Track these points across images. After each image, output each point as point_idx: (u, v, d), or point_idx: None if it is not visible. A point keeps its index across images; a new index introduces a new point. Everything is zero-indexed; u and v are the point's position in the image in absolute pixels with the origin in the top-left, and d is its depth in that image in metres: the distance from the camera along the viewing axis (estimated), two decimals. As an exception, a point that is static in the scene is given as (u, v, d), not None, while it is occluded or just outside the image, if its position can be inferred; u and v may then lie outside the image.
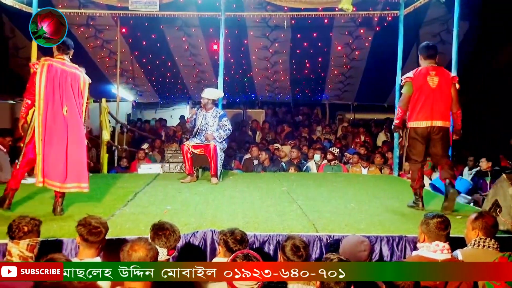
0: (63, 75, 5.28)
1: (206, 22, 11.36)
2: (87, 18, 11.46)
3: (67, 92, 5.29)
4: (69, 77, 5.31)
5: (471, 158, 9.94)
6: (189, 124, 8.14)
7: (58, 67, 5.29)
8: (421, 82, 5.73)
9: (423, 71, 5.80)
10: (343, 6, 8.73)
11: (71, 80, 5.33)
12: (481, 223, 3.75)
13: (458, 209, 5.90)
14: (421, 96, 5.73)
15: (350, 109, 16.63)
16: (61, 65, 5.33)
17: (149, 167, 9.44)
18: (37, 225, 3.68)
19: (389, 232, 4.77)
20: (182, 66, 14.12)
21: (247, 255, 3.09)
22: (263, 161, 10.13)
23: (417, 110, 5.75)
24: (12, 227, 3.59)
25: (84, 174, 5.45)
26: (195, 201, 6.21)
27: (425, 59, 5.87)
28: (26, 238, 3.57)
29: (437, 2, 9.34)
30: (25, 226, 3.58)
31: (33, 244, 3.60)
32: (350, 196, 6.77)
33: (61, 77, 5.27)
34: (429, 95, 5.71)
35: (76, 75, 5.41)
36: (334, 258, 3.02)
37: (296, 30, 12.08)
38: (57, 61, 5.34)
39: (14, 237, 3.56)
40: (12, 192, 5.46)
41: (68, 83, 5.30)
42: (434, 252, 3.49)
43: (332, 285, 2.80)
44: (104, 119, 9.31)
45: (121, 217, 5.30)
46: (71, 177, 5.33)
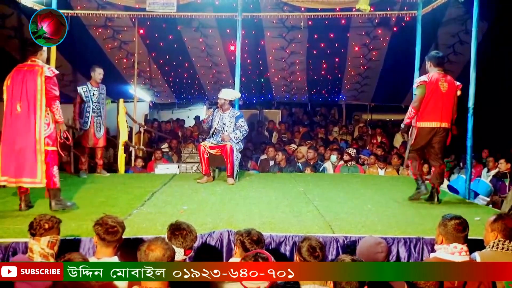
0: (20, 77, 5.34)
1: (223, 23, 11.39)
2: (105, 19, 11.55)
3: (21, 90, 5.30)
4: (25, 77, 5.33)
5: (490, 159, 9.82)
6: (205, 124, 8.17)
7: (20, 70, 5.40)
8: (434, 86, 6.26)
9: (435, 76, 6.32)
10: (360, 7, 8.69)
11: (27, 79, 5.32)
12: (500, 225, 3.70)
13: (477, 211, 5.85)
14: (432, 99, 6.26)
15: (367, 109, 16.54)
16: (22, 67, 5.42)
17: (166, 167, 9.48)
18: (58, 223, 3.75)
19: (406, 234, 4.74)
20: (199, 66, 14.15)
21: (257, 255, 3.09)
22: (279, 162, 10.12)
23: (428, 111, 6.28)
24: (33, 225, 3.67)
25: (34, 170, 5.33)
26: (212, 201, 6.23)
27: (435, 66, 6.40)
28: (47, 235, 3.64)
29: (455, 2, 9.24)
30: (46, 223, 3.66)
31: (53, 241, 3.66)
32: (367, 197, 6.73)
33: (18, 79, 5.33)
34: (439, 98, 6.25)
35: (34, 71, 5.36)
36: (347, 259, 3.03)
37: (313, 30, 12.04)
38: (23, 65, 5.45)
39: (35, 234, 3.63)
40: (21, 194, 5.54)
41: (24, 81, 5.31)
42: (452, 254, 3.46)
43: (345, 285, 2.80)
44: (122, 120, 9.36)
45: (138, 216, 5.33)
46: (24, 172, 5.33)
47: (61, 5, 8.62)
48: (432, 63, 6.43)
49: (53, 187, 5.50)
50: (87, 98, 8.17)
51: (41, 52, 5.55)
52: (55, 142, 5.53)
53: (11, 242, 4.28)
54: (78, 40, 11.67)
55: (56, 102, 5.46)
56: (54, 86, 5.44)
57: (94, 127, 8.24)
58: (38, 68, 5.37)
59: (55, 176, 5.50)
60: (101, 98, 8.36)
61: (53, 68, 5.55)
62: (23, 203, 5.51)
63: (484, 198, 7.73)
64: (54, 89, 5.43)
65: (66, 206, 5.56)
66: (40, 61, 5.48)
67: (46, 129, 5.38)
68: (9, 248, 4.22)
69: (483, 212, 5.83)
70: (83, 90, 8.18)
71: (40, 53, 5.54)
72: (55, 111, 5.46)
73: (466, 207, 6.24)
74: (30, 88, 5.30)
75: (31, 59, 5.46)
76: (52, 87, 5.41)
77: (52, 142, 5.47)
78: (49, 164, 5.41)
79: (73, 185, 7.05)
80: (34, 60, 5.45)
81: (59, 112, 5.50)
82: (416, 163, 6.58)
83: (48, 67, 5.46)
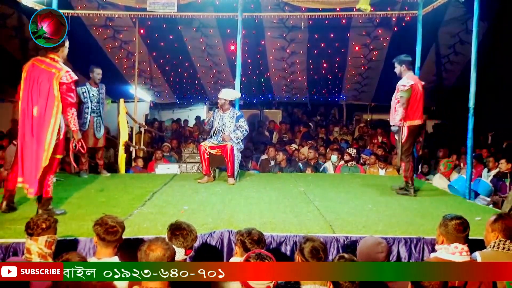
0: (36, 75, 5.17)
1: (223, 23, 11.38)
2: (106, 19, 11.53)
3: (37, 92, 5.13)
4: (41, 77, 5.16)
5: (490, 159, 9.81)
6: (206, 126, 8.18)
7: (37, 66, 5.22)
8: (417, 87, 6.83)
9: (414, 78, 7.02)
10: (361, 7, 8.69)
11: (42, 80, 5.15)
12: (500, 225, 3.70)
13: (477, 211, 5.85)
14: (415, 99, 6.80)
15: (368, 109, 16.53)
16: (41, 63, 5.24)
17: (166, 167, 9.49)
18: (55, 222, 3.76)
19: (406, 234, 4.74)
20: (199, 66, 14.16)
21: (260, 255, 3.09)
22: (280, 162, 10.12)
23: (413, 111, 6.79)
24: (31, 225, 3.66)
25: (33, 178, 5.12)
26: (212, 201, 6.23)
27: (409, 69, 6.99)
28: (44, 234, 3.63)
29: (456, 2, 9.24)
30: (44, 223, 3.65)
31: (51, 241, 3.66)
32: (367, 197, 6.74)
33: (34, 77, 5.16)
34: (420, 98, 6.85)
35: (51, 74, 5.16)
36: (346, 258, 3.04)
37: (314, 30, 12.02)
38: (42, 60, 5.26)
39: (33, 234, 3.62)
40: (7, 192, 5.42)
41: (39, 82, 5.14)
42: (453, 254, 3.46)
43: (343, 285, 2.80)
44: (122, 120, 9.36)
45: (139, 216, 5.34)
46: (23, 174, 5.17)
47: (62, 5, 8.61)
48: (406, 66, 6.94)
49: (45, 196, 5.29)
50: (85, 99, 8.13)
51: (62, 49, 5.35)
52: (62, 151, 5.35)
53: (11, 242, 4.28)
54: (79, 40, 11.66)
55: (71, 109, 5.28)
56: (70, 93, 5.23)
57: (93, 127, 8.22)
58: (56, 71, 5.17)
59: (49, 185, 5.30)
60: (100, 98, 8.34)
61: (71, 73, 5.28)
62: (5, 201, 5.37)
63: (484, 198, 7.72)
64: (70, 95, 5.23)
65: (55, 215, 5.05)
66: (60, 60, 5.29)
67: (57, 136, 5.18)
68: (9, 248, 4.22)
69: (483, 212, 5.83)
70: (81, 91, 8.08)
71: (62, 50, 5.34)
72: (70, 118, 5.28)
73: (466, 207, 6.25)
74: (44, 92, 5.11)
75: (51, 55, 5.27)
76: (68, 94, 5.21)
77: (60, 151, 5.30)
78: (47, 172, 5.21)
79: (74, 185, 7.05)
80: (53, 57, 5.26)
81: (74, 120, 5.32)
82: (410, 166, 6.92)
83: (66, 71, 5.22)
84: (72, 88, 5.28)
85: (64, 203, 5.83)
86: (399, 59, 7.00)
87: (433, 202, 6.52)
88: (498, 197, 8.09)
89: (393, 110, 6.91)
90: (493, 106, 11.96)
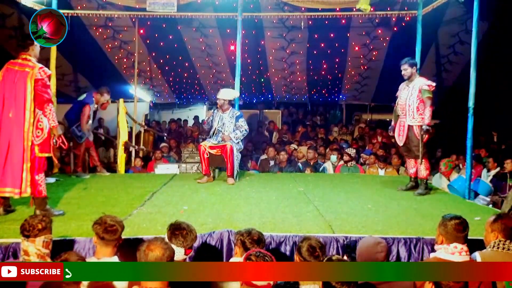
0: (11, 77, 5.08)
1: (223, 23, 11.39)
2: (105, 19, 11.54)
3: (13, 94, 5.05)
4: (16, 78, 5.07)
5: (490, 159, 9.81)
6: (206, 126, 8.17)
7: (11, 69, 5.14)
8: None
9: None
10: (360, 6, 8.69)
11: (17, 81, 5.06)
12: (500, 225, 3.70)
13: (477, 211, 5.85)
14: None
15: (367, 109, 16.55)
16: (14, 65, 5.17)
17: (166, 167, 9.49)
18: (50, 222, 3.74)
19: (406, 234, 4.74)
20: (199, 66, 14.16)
21: (260, 254, 3.09)
22: (280, 162, 10.12)
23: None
24: (26, 226, 3.62)
25: (17, 180, 5.03)
26: (212, 201, 6.23)
27: (416, 71, 7.08)
28: (41, 235, 3.61)
29: (455, 2, 9.24)
30: (39, 224, 3.63)
31: (47, 241, 3.65)
32: (367, 197, 6.73)
33: (9, 80, 5.08)
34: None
35: (24, 73, 5.07)
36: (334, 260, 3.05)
37: (313, 30, 12.04)
38: (15, 62, 5.19)
39: (30, 235, 3.59)
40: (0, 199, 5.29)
41: (15, 83, 5.06)
42: (452, 254, 3.46)
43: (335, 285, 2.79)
44: (122, 120, 9.36)
45: (138, 216, 5.33)
46: (8, 182, 5.04)
47: (61, 5, 8.62)
48: (416, 68, 7.09)
49: (38, 196, 5.18)
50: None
51: (33, 47, 5.24)
52: (49, 149, 5.25)
53: (11, 242, 4.27)
54: (78, 40, 11.68)
55: (49, 105, 5.17)
56: (45, 88, 5.14)
57: None
58: (29, 69, 5.10)
59: (40, 184, 5.17)
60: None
61: (45, 68, 5.21)
62: (1, 207, 5.29)
63: (484, 198, 7.72)
64: (46, 91, 5.14)
65: (53, 215, 5.05)
66: (32, 58, 5.21)
67: (40, 135, 5.13)
68: (8, 248, 4.22)
69: (483, 212, 5.83)
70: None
71: (32, 48, 5.24)
72: (48, 115, 5.17)
73: (466, 207, 6.24)
74: (20, 93, 5.03)
75: (22, 56, 5.20)
76: (43, 90, 5.12)
77: (46, 149, 5.21)
78: (33, 172, 5.09)
79: (73, 185, 7.05)
80: (25, 57, 5.19)
81: (52, 116, 5.20)
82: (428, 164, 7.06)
83: (39, 68, 5.14)
84: (47, 84, 5.20)
85: (63, 203, 5.83)
86: (410, 62, 7.02)
87: (432, 202, 6.51)
88: (498, 197, 8.09)
89: (415, 110, 6.86)
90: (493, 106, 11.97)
